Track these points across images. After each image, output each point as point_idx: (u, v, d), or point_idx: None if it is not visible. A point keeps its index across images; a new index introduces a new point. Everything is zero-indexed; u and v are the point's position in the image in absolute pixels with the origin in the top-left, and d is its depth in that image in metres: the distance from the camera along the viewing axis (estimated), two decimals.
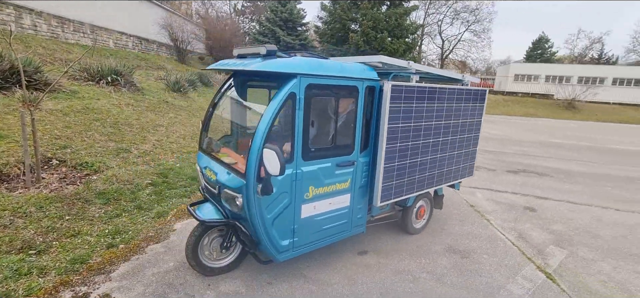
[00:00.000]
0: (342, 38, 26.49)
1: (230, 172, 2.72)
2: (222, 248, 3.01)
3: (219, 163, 2.91)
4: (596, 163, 9.43)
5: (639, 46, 44.50)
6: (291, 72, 2.52)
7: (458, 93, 3.68)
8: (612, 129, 19.71)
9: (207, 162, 3.06)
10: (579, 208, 5.53)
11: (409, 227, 4.02)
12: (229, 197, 2.68)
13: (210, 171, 2.92)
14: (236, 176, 2.62)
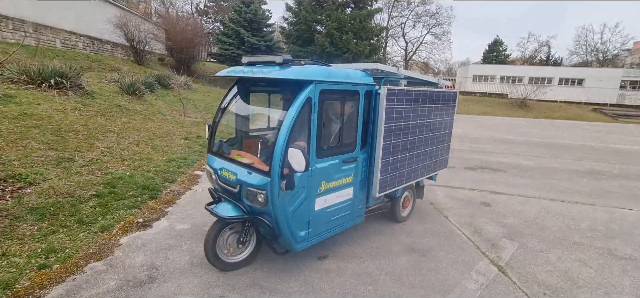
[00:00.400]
0: (308, 39, 26.49)
1: (251, 171, 2.95)
2: (238, 243, 3.20)
3: (236, 164, 3.12)
4: (545, 157, 10.09)
5: (580, 49, 48.69)
6: (308, 79, 2.81)
7: (436, 95, 4.19)
8: (559, 125, 21.32)
9: (222, 164, 3.25)
10: (529, 201, 5.85)
11: (397, 216, 4.42)
12: (252, 194, 2.88)
13: (228, 172, 3.13)
14: (259, 174, 2.85)
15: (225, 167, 3.18)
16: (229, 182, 3.11)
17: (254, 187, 2.85)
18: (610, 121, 26.52)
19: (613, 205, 5.86)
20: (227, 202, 3.13)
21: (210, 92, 20.17)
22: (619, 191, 6.84)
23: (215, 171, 3.28)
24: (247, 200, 2.96)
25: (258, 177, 2.85)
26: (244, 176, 2.96)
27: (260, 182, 2.81)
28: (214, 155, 3.43)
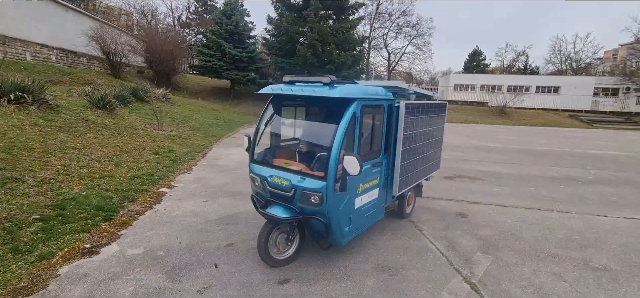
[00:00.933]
0: (290, 50, 26.43)
1: (305, 176, 3.31)
2: (287, 241, 3.59)
3: (287, 172, 3.44)
4: (523, 164, 10.14)
5: (555, 58, 50.47)
6: (353, 97, 3.30)
7: (433, 106, 4.87)
8: (537, 132, 21.78)
9: (270, 171, 3.54)
10: (505, 210, 5.75)
11: (403, 213, 4.98)
12: (307, 196, 3.25)
13: (279, 178, 3.43)
14: (315, 179, 3.24)
15: (275, 174, 3.50)
16: (281, 187, 3.42)
17: (310, 191, 3.23)
18: (586, 127, 27.32)
19: (589, 213, 5.82)
20: (278, 206, 3.46)
21: (190, 105, 19.75)
22: (594, 198, 6.85)
23: (264, 178, 3.57)
24: (301, 203, 3.31)
25: (314, 182, 3.23)
26: (297, 181, 3.32)
27: (317, 186, 3.20)
28: (258, 164, 3.76)
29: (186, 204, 5.25)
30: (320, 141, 3.79)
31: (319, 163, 3.47)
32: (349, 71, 25.93)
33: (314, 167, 3.47)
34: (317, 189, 3.19)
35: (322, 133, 3.83)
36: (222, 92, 27.48)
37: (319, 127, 4.07)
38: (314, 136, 4.07)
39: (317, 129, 4.10)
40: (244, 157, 9.23)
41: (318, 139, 3.92)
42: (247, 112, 23.91)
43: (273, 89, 3.64)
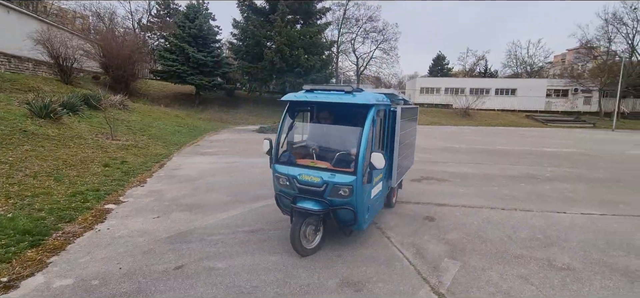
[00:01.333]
0: (258, 55, 25.92)
1: (335, 173, 3.71)
2: (315, 232, 3.97)
3: (316, 169, 3.79)
4: (486, 164, 10.42)
5: (511, 62, 53.55)
6: (371, 103, 3.79)
7: (411, 109, 5.64)
8: (498, 132, 22.80)
9: (299, 170, 3.84)
10: (471, 211, 5.75)
11: (391, 203, 5.62)
12: (337, 189, 3.66)
13: (309, 176, 3.76)
14: (345, 174, 3.66)
15: (304, 172, 3.80)
16: (312, 183, 3.75)
17: (341, 184, 3.65)
18: (541, 126, 29.06)
19: (548, 210, 5.96)
20: (309, 200, 3.80)
21: (151, 112, 18.68)
22: (552, 194, 7.07)
23: (293, 177, 3.84)
24: (331, 196, 3.72)
25: (344, 176, 3.66)
26: (328, 177, 3.71)
27: (347, 180, 3.64)
28: (284, 164, 4.02)
29: (134, 222, 4.74)
30: (343, 141, 4.20)
31: (345, 161, 3.88)
32: (318, 74, 25.82)
33: (341, 164, 3.85)
34: (348, 183, 3.63)
35: (343, 134, 4.31)
36: (187, 98, 26.38)
37: (338, 129, 4.48)
38: (334, 137, 4.43)
39: (336, 131, 4.49)
40: (207, 166, 8.72)
41: (339, 139, 4.31)
42: (213, 118, 23.07)
43: (297, 97, 4.01)
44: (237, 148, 12.14)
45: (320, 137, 4.50)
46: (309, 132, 4.65)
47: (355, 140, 3.81)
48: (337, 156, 3.92)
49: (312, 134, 4.62)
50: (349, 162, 3.81)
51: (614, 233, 4.93)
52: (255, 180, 7.37)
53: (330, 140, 4.36)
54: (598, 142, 18.32)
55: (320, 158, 4.07)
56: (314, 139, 4.47)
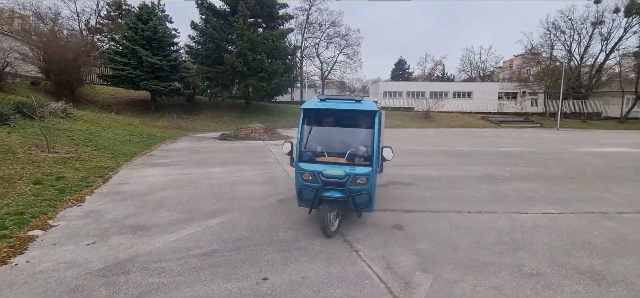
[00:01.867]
0: (218, 59, 24.96)
1: (355, 166, 4.51)
2: (336, 217, 4.69)
3: (339, 165, 4.54)
4: (449, 165, 10.59)
5: (466, 67, 56.58)
6: (375, 110, 4.75)
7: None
8: (457, 133, 23.73)
9: (323, 166, 4.51)
10: (439, 217, 5.63)
11: None
12: (357, 179, 4.44)
13: (333, 169, 4.46)
14: (363, 167, 4.52)
15: (328, 168, 4.47)
16: (336, 176, 4.42)
17: (360, 175, 4.41)
18: (495, 127, 30.78)
19: (512, 211, 6.01)
20: (333, 191, 4.44)
21: (100, 120, 17.16)
22: (513, 194, 7.22)
23: (318, 172, 4.46)
24: (351, 185, 4.41)
25: (362, 169, 4.46)
26: (350, 170, 4.42)
27: (365, 171, 4.43)
28: (307, 162, 4.64)
29: (62, 251, 4.02)
30: (355, 141, 4.97)
31: (358, 156, 4.71)
32: (282, 79, 25.37)
33: (355, 159, 4.66)
34: (366, 173, 4.45)
35: (355, 135, 5.08)
36: (142, 105, 24.70)
37: (350, 131, 5.19)
38: (345, 138, 5.08)
39: (348, 133, 5.19)
40: (159, 179, 7.94)
41: (351, 139, 5.01)
42: (171, 125, 21.74)
43: (316, 105, 4.82)
44: (195, 158, 11.36)
45: (333, 138, 5.17)
46: (323, 134, 5.22)
47: (365, 139, 4.82)
48: (351, 152, 4.72)
49: (326, 136, 5.20)
50: (361, 156, 4.70)
51: (574, 232, 5.02)
52: (212, 193, 6.78)
53: (343, 140, 5.04)
54: (546, 140, 19.61)
55: (336, 155, 4.74)
56: (327, 140, 5.08)
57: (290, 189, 7.23)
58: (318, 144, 4.98)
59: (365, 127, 4.91)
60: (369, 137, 4.76)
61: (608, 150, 15.64)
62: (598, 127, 31.81)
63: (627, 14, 34.29)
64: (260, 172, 9.04)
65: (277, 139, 17.42)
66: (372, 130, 4.70)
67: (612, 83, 37.56)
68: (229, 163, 10.39)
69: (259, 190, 7.15)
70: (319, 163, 4.59)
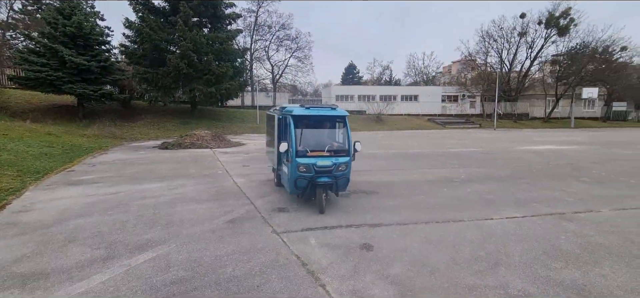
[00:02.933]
0: (158, 60, 22.79)
1: (339, 157, 5.92)
2: (326, 197, 6.09)
3: (327, 157, 5.87)
4: (406, 169, 10.41)
5: (411, 71, 59.42)
6: (345, 115, 6.31)
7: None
8: (408, 135, 24.34)
9: (314, 160, 5.76)
10: (408, 230, 5.17)
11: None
12: (340, 166, 5.86)
13: (323, 161, 5.78)
14: (344, 156, 5.96)
15: (319, 160, 5.78)
16: (326, 166, 5.77)
17: (343, 163, 5.89)
18: (441, 128, 32.37)
19: (477, 218, 5.78)
20: (324, 176, 5.77)
21: (9, 129, 14.49)
22: (474, 198, 7.10)
23: (313, 164, 5.73)
24: (336, 171, 5.84)
25: (344, 158, 5.95)
26: (335, 160, 5.85)
27: (346, 160, 5.96)
28: (302, 157, 5.76)
29: None
30: (334, 138, 6.57)
31: (339, 149, 6.14)
32: (232, 83, 23.95)
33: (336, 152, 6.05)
34: (346, 162, 5.91)
35: (333, 134, 6.65)
36: (68, 111, 21.62)
37: (329, 131, 6.66)
38: (326, 136, 6.57)
39: (328, 133, 6.64)
40: (77, 201, 6.49)
41: (330, 137, 6.58)
42: (102, 134, 19.20)
43: (304, 111, 6.05)
44: (128, 172, 9.81)
45: (316, 137, 6.42)
46: (309, 134, 6.25)
47: (342, 136, 6.38)
48: (332, 147, 6.20)
49: (311, 135, 6.31)
50: (340, 150, 6.11)
51: (543, 238, 4.86)
52: (144, 218, 5.62)
53: (325, 139, 6.49)
54: (487, 140, 20.83)
55: (320, 150, 6.01)
56: (312, 139, 6.26)
57: (243, 205, 6.32)
58: (306, 142, 6.02)
59: (340, 127, 6.57)
60: (345, 135, 6.27)
61: (541, 148, 16.93)
62: (527, 127, 35.05)
63: (547, 26, 38.40)
64: (206, 186, 7.95)
65: (226, 147, 16.14)
66: (346, 129, 6.23)
67: (536, 87, 41.84)
68: (169, 176, 9.09)
69: (203, 209, 6.12)
70: (311, 157, 5.75)
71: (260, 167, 10.54)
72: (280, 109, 7.10)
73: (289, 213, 5.93)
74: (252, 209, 6.16)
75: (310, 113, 6.05)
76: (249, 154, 13.82)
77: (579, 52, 37.19)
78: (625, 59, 38.71)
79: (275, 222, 5.42)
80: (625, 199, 7.10)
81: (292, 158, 5.69)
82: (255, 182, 8.54)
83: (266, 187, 7.95)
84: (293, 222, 5.45)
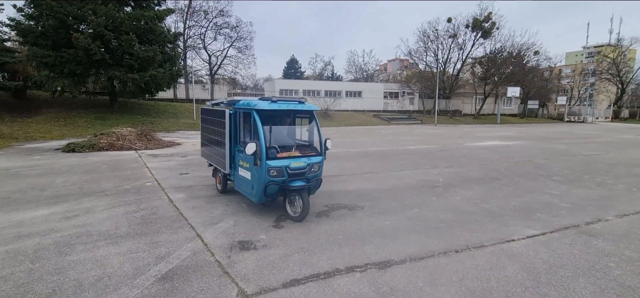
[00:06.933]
0: (63, 40, 18.42)
1: (311, 156, 5.26)
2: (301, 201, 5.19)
3: (300, 157, 5.17)
4: (378, 173, 9.19)
5: (352, 68, 59.92)
6: (313, 109, 5.60)
7: None
8: (359, 131, 23.60)
9: (288, 161, 5.00)
10: (428, 269, 3.78)
11: None
12: (314, 166, 5.23)
13: (297, 162, 5.06)
14: (315, 156, 5.32)
15: (293, 161, 5.03)
16: (300, 168, 5.07)
17: (316, 163, 5.25)
18: (387, 124, 32.56)
19: (495, 239, 4.67)
20: (298, 180, 5.07)
21: None
22: (470, 209, 6.07)
23: (286, 166, 4.95)
24: (309, 173, 5.18)
25: (316, 158, 5.30)
26: (309, 160, 5.17)
27: (318, 159, 5.33)
28: (273, 159, 4.92)
29: None
30: (304, 134, 5.98)
31: (310, 148, 5.67)
32: (160, 70, 20.44)
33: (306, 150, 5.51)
34: (319, 161, 5.35)
35: (303, 130, 6.00)
36: None
37: (298, 128, 6.06)
38: (291, 133, 6.03)
39: (296, 129, 6.07)
40: None
41: (300, 133, 6.03)
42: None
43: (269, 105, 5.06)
44: (5, 189, 6.88)
45: (284, 134, 5.88)
46: (276, 132, 5.58)
47: (313, 133, 5.79)
48: (302, 145, 5.79)
49: (276, 133, 5.58)
50: (308, 148, 5.67)
51: (592, 268, 3.86)
52: (10, 283, 3.32)
53: (293, 136, 6.01)
54: (435, 136, 20.99)
55: (289, 149, 5.38)
56: (280, 137, 5.67)
57: (186, 241, 4.31)
58: (274, 142, 5.32)
59: (309, 123, 5.83)
60: (315, 131, 5.62)
61: (488, 143, 17.34)
62: (462, 122, 37.26)
63: (473, 29, 41.28)
64: (127, 210, 5.65)
65: (157, 148, 13.29)
66: (316, 125, 5.60)
67: (466, 86, 44.99)
68: (71, 195, 6.49)
69: (119, 256, 3.96)
70: (281, 159, 4.97)
71: (204, 174, 8.36)
72: (229, 102, 6.15)
73: (257, 251, 4.12)
74: (200, 248, 4.20)
75: (277, 107, 5.11)
76: (187, 157, 11.35)
77: (497, 55, 40.75)
78: (534, 62, 43.75)
79: (240, 272, 3.59)
80: (613, 202, 6.74)
81: (262, 161, 4.81)
82: (200, 197, 6.46)
83: (217, 204, 5.97)
84: (267, 269, 3.68)
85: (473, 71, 43.70)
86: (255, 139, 4.93)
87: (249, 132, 5.30)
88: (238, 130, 5.68)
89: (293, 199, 5.19)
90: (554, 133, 25.32)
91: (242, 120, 5.56)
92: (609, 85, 55.50)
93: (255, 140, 4.88)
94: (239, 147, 5.63)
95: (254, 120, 4.96)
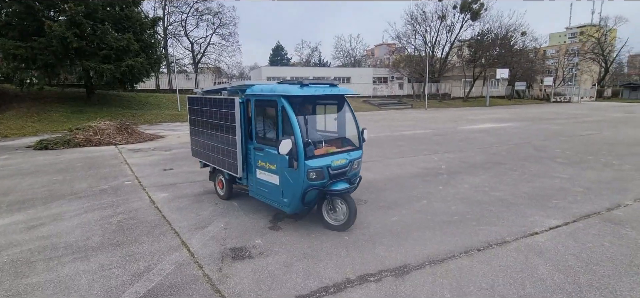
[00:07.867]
0: (34, 28, 17.08)
1: (350, 152, 4.41)
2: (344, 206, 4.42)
3: (341, 153, 4.32)
4: (377, 160, 8.69)
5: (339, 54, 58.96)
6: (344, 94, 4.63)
7: None
8: None
9: (328, 160, 4.14)
10: (452, 274, 3.30)
11: None
12: (354, 164, 4.45)
13: (338, 160, 4.22)
14: (355, 150, 4.52)
15: (334, 159, 4.19)
16: (342, 166, 4.25)
17: (357, 159, 4.51)
18: (378, 110, 32.12)
19: (516, 233, 4.23)
20: (341, 182, 4.27)
21: None
22: (481, 198, 5.64)
23: (327, 166, 4.11)
24: (351, 171, 4.42)
25: (355, 153, 4.48)
26: (349, 156, 4.36)
27: (358, 154, 4.54)
28: (312, 159, 4.02)
29: None
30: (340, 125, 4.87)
31: (345, 141, 4.66)
32: (137, 59, 19.19)
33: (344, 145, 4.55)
34: (359, 157, 4.58)
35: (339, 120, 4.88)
36: None
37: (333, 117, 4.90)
38: (330, 124, 4.96)
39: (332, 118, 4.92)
40: None
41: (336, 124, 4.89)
42: None
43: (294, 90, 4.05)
44: None
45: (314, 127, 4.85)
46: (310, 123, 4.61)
47: (350, 123, 4.77)
48: (341, 138, 4.74)
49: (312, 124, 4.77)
50: (341, 140, 4.65)
51: (632, 263, 3.45)
52: None
53: (328, 127, 4.96)
54: (428, 120, 20.66)
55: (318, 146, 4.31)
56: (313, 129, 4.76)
57: (169, 251, 3.70)
58: (309, 135, 4.34)
59: (345, 111, 4.86)
60: (352, 121, 4.78)
61: (482, 126, 17.08)
62: (452, 106, 37.14)
63: (461, 10, 40.84)
64: (102, 215, 4.98)
65: (138, 141, 12.44)
66: (351, 112, 4.78)
67: (455, 69, 44.79)
68: (38, 199, 5.75)
69: (88, 275, 3.33)
70: (320, 158, 4.14)
71: (190, 170, 7.69)
72: (234, 88, 4.97)
73: (253, 260, 3.56)
74: (186, 259, 3.60)
75: (308, 92, 4.12)
76: (172, 150, 10.60)
77: (484, 37, 40.54)
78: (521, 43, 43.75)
79: (233, 290, 3.02)
80: (626, 184, 6.42)
81: (299, 161, 3.93)
82: (186, 196, 5.82)
83: (205, 203, 5.35)
84: (265, 283, 3.13)
85: (461, 54, 43.44)
86: (285, 134, 4.02)
87: (273, 126, 4.41)
88: (253, 122, 4.63)
89: (335, 205, 4.28)
90: (544, 113, 25.35)
91: (258, 110, 4.58)
92: (593, 65, 56.32)
93: (287, 137, 3.87)
94: (255, 144, 4.60)
95: (284, 110, 4.03)
